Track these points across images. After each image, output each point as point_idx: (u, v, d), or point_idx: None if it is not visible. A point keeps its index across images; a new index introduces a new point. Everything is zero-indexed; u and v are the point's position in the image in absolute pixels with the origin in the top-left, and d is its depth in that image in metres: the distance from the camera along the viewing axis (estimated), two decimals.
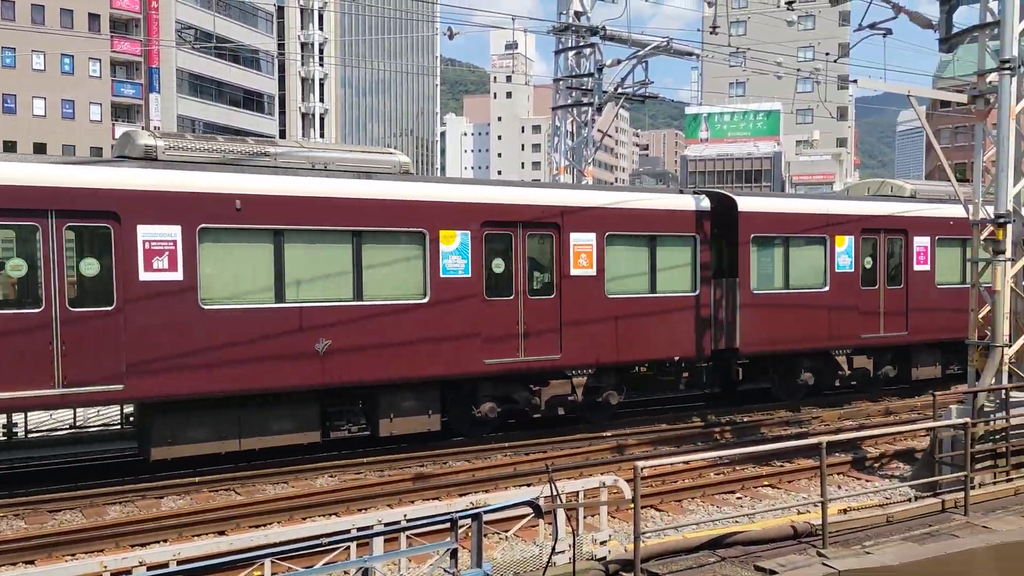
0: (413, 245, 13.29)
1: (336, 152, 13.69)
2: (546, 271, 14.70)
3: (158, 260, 11.38)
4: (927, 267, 18.36)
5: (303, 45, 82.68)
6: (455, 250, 13.52)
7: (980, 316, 12.46)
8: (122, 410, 14.31)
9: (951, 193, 15.49)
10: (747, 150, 79.80)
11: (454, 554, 6.76)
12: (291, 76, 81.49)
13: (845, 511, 10.00)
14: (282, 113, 77.73)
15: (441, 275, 13.38)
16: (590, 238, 14.79)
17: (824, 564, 7.88)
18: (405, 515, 7.78)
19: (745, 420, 16.69)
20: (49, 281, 10.81)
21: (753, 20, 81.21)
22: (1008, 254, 11.93)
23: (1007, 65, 11.67)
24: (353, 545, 7.18)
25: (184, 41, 62.69)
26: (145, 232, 11.30)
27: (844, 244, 17.29)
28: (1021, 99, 12.05)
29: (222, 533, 10.15)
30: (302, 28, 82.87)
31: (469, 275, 13.66)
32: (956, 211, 17.50)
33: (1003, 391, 11.67)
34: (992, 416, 11.56)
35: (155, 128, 54.21)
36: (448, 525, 6.83)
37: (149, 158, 11.82)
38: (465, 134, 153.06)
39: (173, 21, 61.88)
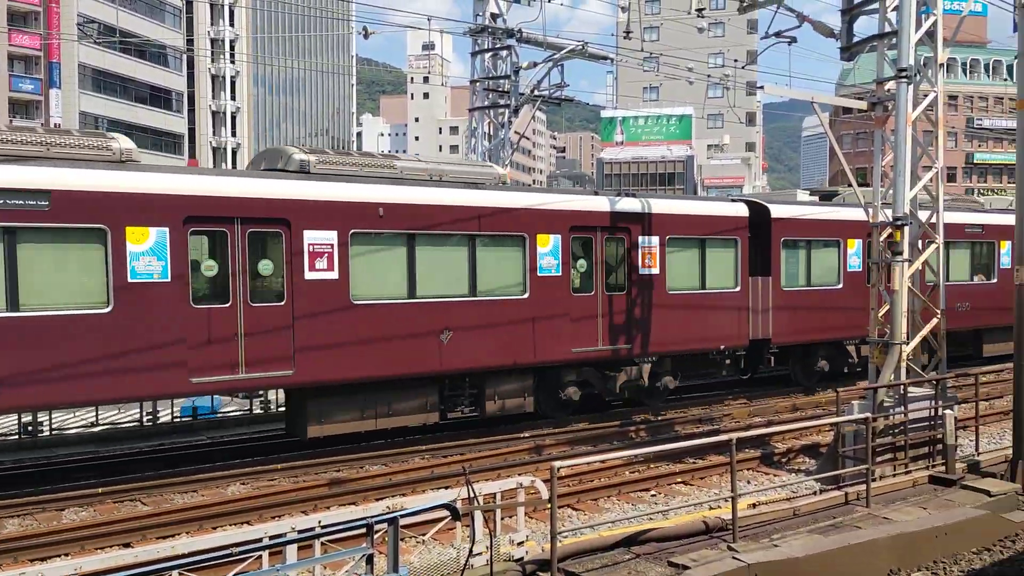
0: (515, 247, 15.02)
1: (447, 165, 15.36)
2: (619, 270, 16.46)
3: (319, 261, 13.00)
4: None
5: (213, 41, 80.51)
6: (549, 251, 15.33)
7: (880, 315, 12.97)
8: (250, 397, 16.50)
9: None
10: (661, 153, 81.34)
11: (370, 559, 6.67)
12: (201, 73, 79.24)
13: (754, 505, 10.27)
14: (191, 111, 75.51)
15: (538, 273, 15.16)
16: (655, 241, 16.74)
17: (734, 558, 8.07)
18: (320, 521, 7.64)
19: (660, 419, 16.99)
20: (235, 279, 12.30)
21: (665, 26, 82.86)
22: (905, 255, 12.45)
23: (904, 74, 12.17)
24: (265, 554, 7.00)
25: (86, 35, 60.25)
26: (310, 236, 12.89)
27: (854, 247, 19.56)
28: (917, 106, 12.59)
29: (127, 545, 9.80)
30: (212, 24, 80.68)
31: (559, 274, 15.42)
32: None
33: (901, 387, 12.17)
34: (891, 411, 12.05)
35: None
36: (364, 530, 6.73)
37: (303, 171, 13.45)
38: (382, 135, 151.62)
39: (75, 14, 59.38)
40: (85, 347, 11.16)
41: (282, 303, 12.67)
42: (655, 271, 16.63)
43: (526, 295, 15.00)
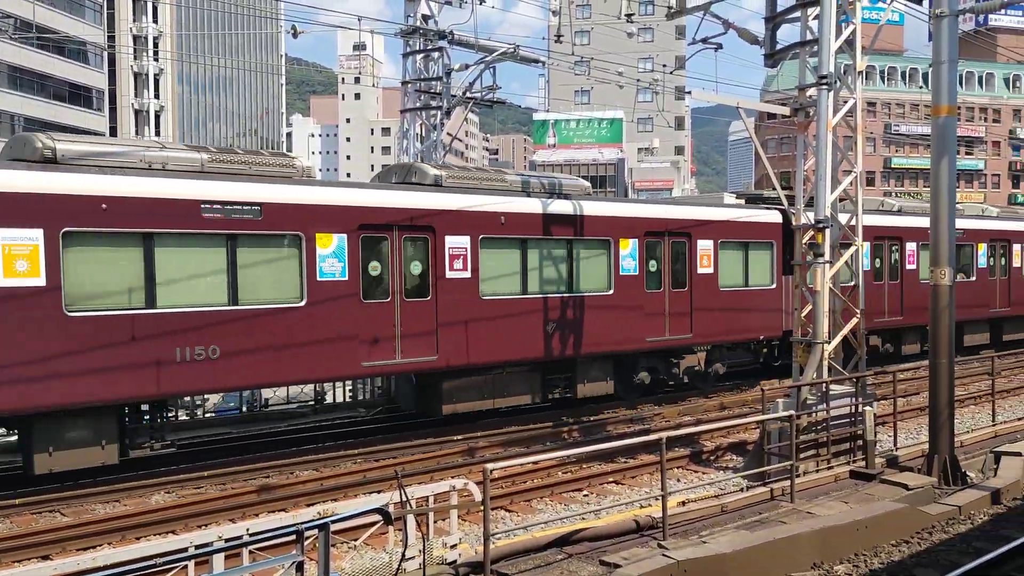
0: (602, 250, 17.28)
1: (545, 179, 17.65)
2: (681, 270, 18.82)
3: (456, 262, 15.19)
4: (914, 266, 23.88)
5: (136, 38, 78.28)
6: (628, 254, 17.61)
7: (803, 315, 13.33)
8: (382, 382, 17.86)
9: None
10: (592, 156, 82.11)
11: (300, 567, 6.55)
12: (123, 70, 76.96)
13: (684, 503, 10.44)
14: (112, 109, 73.27)
15: (620, 273, 17.45)
16: (710, 244, 19.14)
17: (664, 555, 8.19)
18: (248, 529, 7.49)
19: (592, 420, 17.15)
20: (394, 279, 14.48)
21: (596, 31, 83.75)
22: (827, 257, 12.81)
23: (825, 80, 12.52)
24: (191, 564, 6.85)
25: (1, 31, 57.95)
26: (450, 241, 15.04)
27: (865, 249, 20.81)
28: (838, 112, 12.98)
29: (47, 558, 9.46)
30: (134, 20, 78.45)
31: (636, 273, 17.73)
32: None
33: (823, 384, 12.52)
34: (814, 408, 12.39)
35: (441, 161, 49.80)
36: (294, 537, 6.62)
37: (437, 185, 15.54)
38: (313, 135, 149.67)
39: None
40: (285, 336, 13.21)
41: (428, 299, 14.88)
42: (710, 271, 19.20)
43: (611, 292, 17.31)
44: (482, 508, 7.98)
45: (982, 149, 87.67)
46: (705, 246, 19.07)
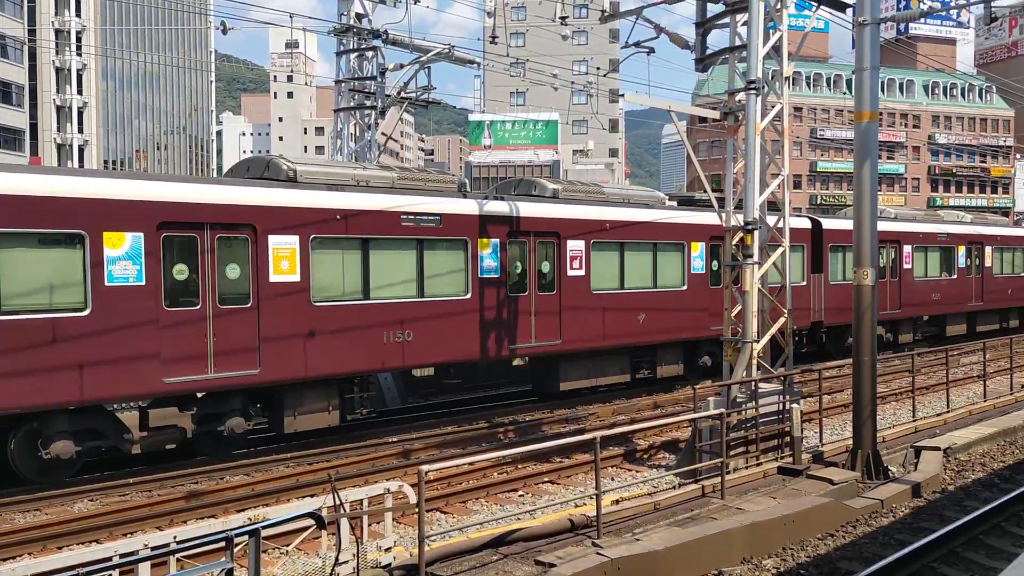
0: (677, 252, 20.07)
1: (633, 191, 21.26)
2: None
3: (575, 262, 17.95)
4: (909, 265, 26.95)
5: (58, 32, 75.71)
6: (698, 255, 20.35)
7: (732, 315, 13.60)
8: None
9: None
10: (528, 157, 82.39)
11: (230, 574, 6.43)
12: (44, 65, 74.35)
13: (617, 502, 10.55)
14: (33, 105, 70.75)
15: (691, 271, 20.15)
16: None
17: (598, 554, 8.26)
18: (175, 536, 7.30)
19: (527, 420, 17.21)
20: (530, 275, 17.35)
21: (531, 33, 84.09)
22: (756, 258, 13.10)
23: (753, 85, 12.81)
24: (115, 573, 6.64)
25: None
26: (570, 244, 17.87)
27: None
28: (765, 116, 13.29)
29: None
30: (56, 14, 75.89)
31: (704, 271, 20.45)
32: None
33: (753, 383, 12.80)
34: (744, 406, 12.65)
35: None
36: (224, 544, 6.48)
37: (555, 197, 18.52)
38: (244, 134, 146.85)
39: None
40: (456, 324, 15.90)
41: (554, 292, 17.65)
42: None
43: (684, 287, 20.00)
44: (417, 510, 7.94)
45: (903, 154, 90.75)
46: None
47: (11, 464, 11.98)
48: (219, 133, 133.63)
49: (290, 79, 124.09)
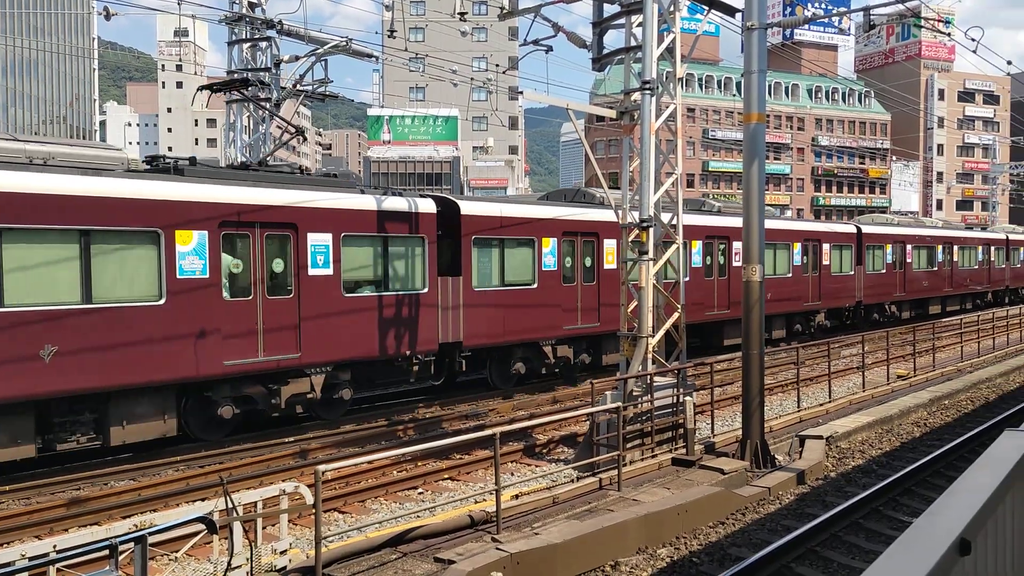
0: (785, 249, 25.66)
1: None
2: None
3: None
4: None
5: None
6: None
7: (629, 310, 13.87)
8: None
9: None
10: (428, 153, 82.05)
11: None
12: None
13: (517, 496, 10.62)
14: None
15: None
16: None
17: (498, 548, 8.30)
18: (55, 545, 6.95)
19: (427, 417, 17.13)
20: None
21: (431, 28, 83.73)
22: (651, 254, 13.39)
23: (648, 85, 13.07)
24: None
25: None
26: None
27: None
28: (660, 116, 13.59)
29: None
30: None
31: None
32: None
33: (648, 377, 13.09)
34: (639, 399, 12.92)
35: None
36: (107, 552, 6.20)
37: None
38: (130, 124, 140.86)
39: None
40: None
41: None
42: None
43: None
44: (314, 511, 7.79)
45: (788, 155, 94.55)
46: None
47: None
48: (103, 123, 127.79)
49: (179, 68, 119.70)
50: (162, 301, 13.10)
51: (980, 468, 2.70)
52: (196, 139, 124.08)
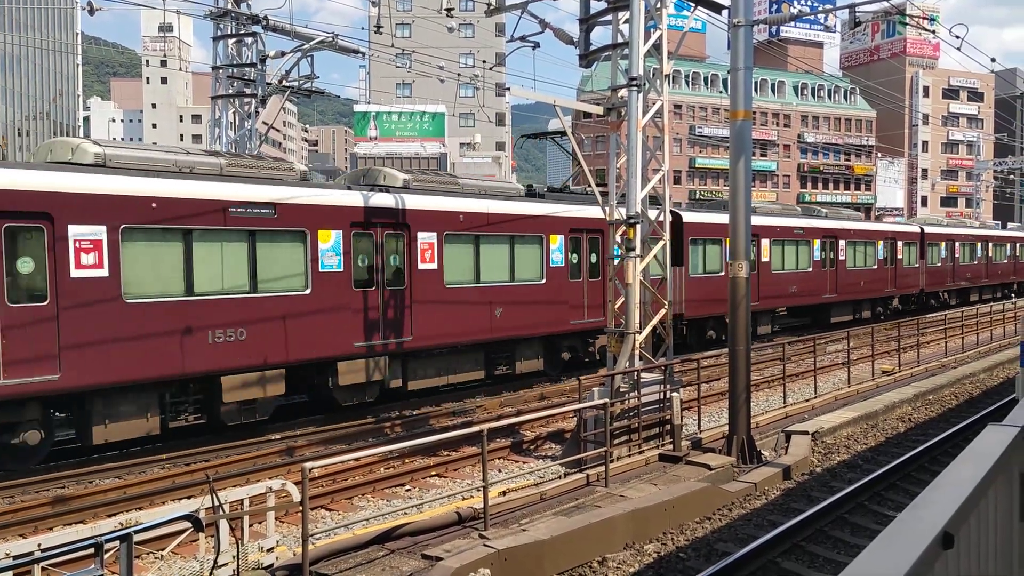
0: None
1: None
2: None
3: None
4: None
5: None
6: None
7: (616, 306, 13.89)
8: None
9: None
10: (415, 150, 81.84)
11: None
12: None
13: (505, 493, 10.63)
14: None
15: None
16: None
17: (485, 545, 8.30)
18: (40, 544, 6.93)
19: (414, 414, 17.11)
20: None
21: (417, 24, 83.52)
22: (638, 251, 13.42)
23: (635, 82, 13.09)
24: None
25: None
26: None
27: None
28: (647, 113, 13.61)
29: None
30: None
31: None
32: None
33: (635, 373, 13.12)
34: (627, 395, 12.95)
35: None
36: (93, 550, 6.17)
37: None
38: (114, 120, 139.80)
39: None
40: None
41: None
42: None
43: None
44: (301, 508, 7.77)
45: (774, 151, 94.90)
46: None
47: None
48: (87, 119, 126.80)
49: (164, 64, 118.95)
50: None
51: (963, 462, 2.72)
52: (181, 135, 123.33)
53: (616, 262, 13.85)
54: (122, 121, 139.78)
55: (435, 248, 17.13)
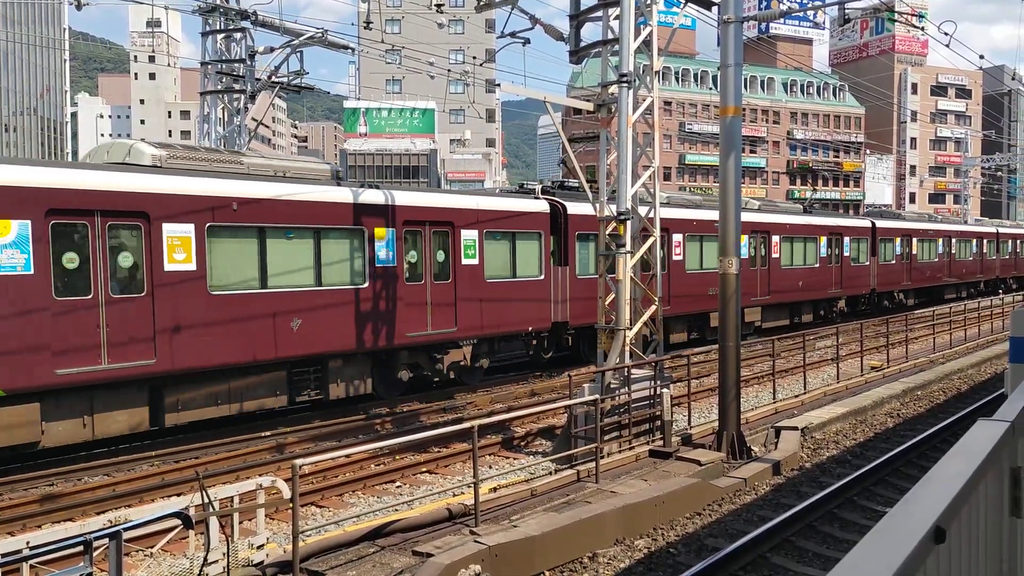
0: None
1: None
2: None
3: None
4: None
5: None
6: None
7: (606, 303, 13.90)
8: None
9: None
10: (405, 146, 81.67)
11: None
12: None
13: (495, 489, 10.63)
14: None
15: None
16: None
17: (476, 541, 8.30)
18: (28, 542, 6.89)
19: (405, 410, 17.09)
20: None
21: (407, 20, 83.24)
22: (628, 247, 13.43)
23: (625, 78, 13.09)
24: None
25: None
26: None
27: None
28: (637, 109, 13.62)
29: None
30: None
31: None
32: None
33: (625, 369, 13.14)
34: (617, 392, 12.97)
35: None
36: (82, 548, 6.14)
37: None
38: (102, 116, 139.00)
39: None
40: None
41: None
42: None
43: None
44: (291, 505, 7.75)
45: (764, 148, 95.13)
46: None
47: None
48: (74, 115, 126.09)
49: (152, 60, 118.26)
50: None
51: (955, 457, 2.73)
52: (169, 131, 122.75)
53: (605, 259, 13.86)
54: (110, 117, 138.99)
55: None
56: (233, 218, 14.21)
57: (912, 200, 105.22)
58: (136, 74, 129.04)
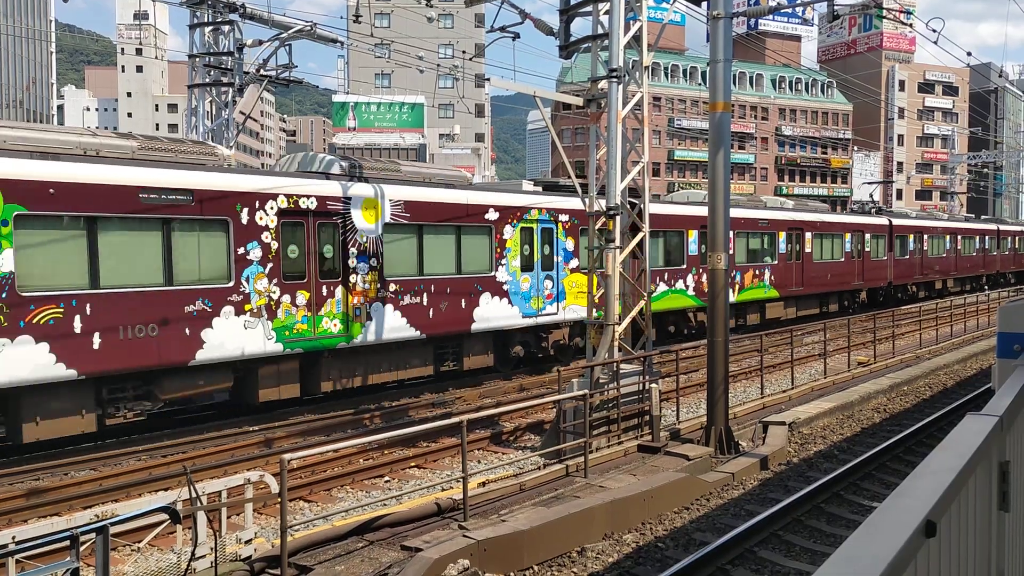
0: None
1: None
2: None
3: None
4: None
5: None
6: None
7: (596, 297, 13.91)
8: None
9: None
10: (394, 140, 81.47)
11: (75, 574, 6.06)
12: None
13: (484, 484, 10.62)
14: None
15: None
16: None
17: (465, 536, 8.30)
18: (14, 536, 6.84)
19: (394, 405, 17.07)
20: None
21: (396, 14, 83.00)
22: (617, 242, 13.43)
23: (615, 73, 13.08)
24: None
25: None
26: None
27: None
28: (626, 105, 13.61)
29: None
30: None
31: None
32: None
33: (614, 364, 13.15)
34: (606, 387, 12.98)
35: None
36: (68, 543, 6.10)
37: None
38: (88, 109, 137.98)
39: None
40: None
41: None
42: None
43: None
44: (279, 500, 7.73)
45: (752, 144, 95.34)
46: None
47: None
48: (60, 108, 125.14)
49: (139, 52, 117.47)
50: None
51: (945, 451, 2.74)
52: (156, 124, 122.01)
53: (595, 253, 13.86)
54: (96, 110, 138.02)
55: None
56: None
57: (899, 197, 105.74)
58: (123, 67, 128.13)
